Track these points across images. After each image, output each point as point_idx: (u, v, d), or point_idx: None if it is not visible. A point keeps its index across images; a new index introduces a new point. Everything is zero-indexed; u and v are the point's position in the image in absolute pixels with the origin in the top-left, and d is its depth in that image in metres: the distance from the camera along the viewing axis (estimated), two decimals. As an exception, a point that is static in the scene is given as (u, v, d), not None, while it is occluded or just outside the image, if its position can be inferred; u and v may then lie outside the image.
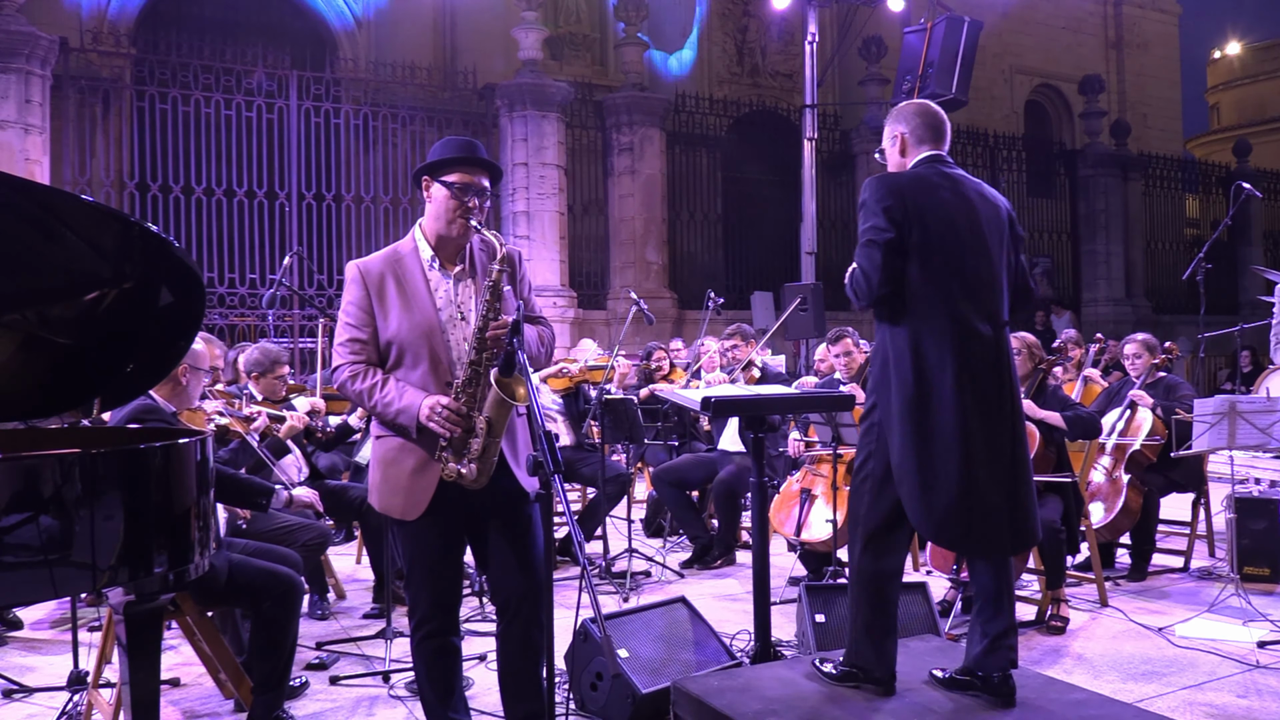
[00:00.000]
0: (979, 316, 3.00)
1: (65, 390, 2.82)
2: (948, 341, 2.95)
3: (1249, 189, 7.09)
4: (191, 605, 3.37)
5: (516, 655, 2.86)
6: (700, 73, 15.93)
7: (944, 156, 3.15)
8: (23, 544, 2.16)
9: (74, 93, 10.24)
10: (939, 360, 2.95)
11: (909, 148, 3.17)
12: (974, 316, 2.99)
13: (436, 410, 2.69)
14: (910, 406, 2.95)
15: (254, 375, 4.93)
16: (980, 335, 2.99)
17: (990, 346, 3.01)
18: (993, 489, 2.96)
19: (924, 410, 2.94)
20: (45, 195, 2.75)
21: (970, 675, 3.07)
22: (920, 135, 3.16)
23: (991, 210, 3.11)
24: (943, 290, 2.98)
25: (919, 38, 9.81)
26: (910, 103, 3.29)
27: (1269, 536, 5.17)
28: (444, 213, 2.83)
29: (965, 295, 2.99)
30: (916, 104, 3.25)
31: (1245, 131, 27.14)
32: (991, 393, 2.99)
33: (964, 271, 3.01)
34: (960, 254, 3.00)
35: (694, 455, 6.32)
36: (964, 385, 2.94)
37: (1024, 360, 4.86)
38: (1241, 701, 3.63)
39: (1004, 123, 18.20)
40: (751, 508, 3.77)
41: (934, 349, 2.96)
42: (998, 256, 3.09)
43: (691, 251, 14.08)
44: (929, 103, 3.28)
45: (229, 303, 10.58)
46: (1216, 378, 14.71)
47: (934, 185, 3.05)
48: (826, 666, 3.17)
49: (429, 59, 13.14)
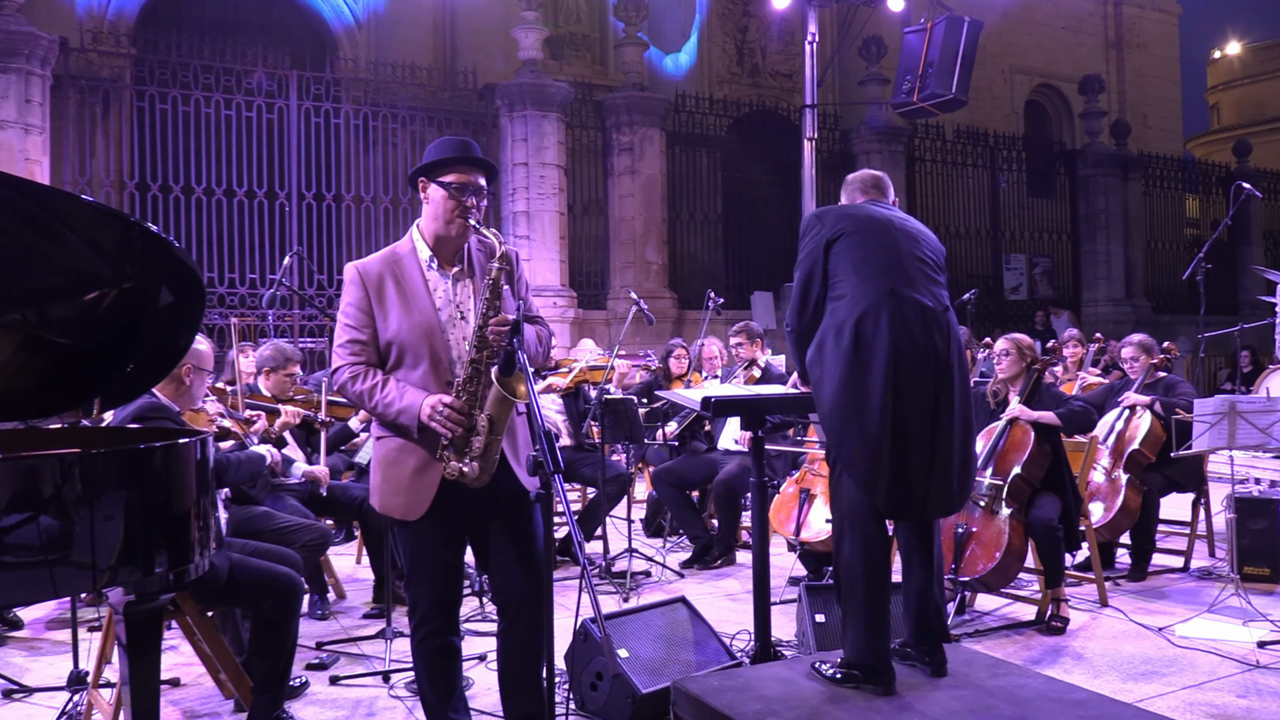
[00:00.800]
0: (915, 293, 3.14)
1: (65, 390, 2.82)
2: (884, 315, 3.07)
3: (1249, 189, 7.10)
4: (191, 605, 3.37)
5: (517, 655, 2.86)
6: (700, 73, 15.94)
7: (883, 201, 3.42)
8: (23, 544, 2.16)
9: (74, 93, 10.24)
10: (871, 334, 3.07)
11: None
12: (910, 292, 3.13)
13: (438, 409, 2.69)
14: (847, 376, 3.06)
15: (265, 371, 4.98)
16: (915, 311, 3.12)
17: (928, 321, 3.13)
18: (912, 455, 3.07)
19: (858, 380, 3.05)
20: (45, 195, 2.74)
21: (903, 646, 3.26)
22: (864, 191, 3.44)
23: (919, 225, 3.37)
24: (877, 268, 3.14)
25: (919, 38, 9.80)
26: (855, 173, 3.57)
27: (1269, 536, 5.17)
28: (442, 213, 2.83)
29: (900, 273, 3.15)
30: (862, 172, 3.54)
31: (1245, 131, 27.16)
32: (925, 365, 3.09)
33: (898, 252, 3.18)
34: (892, 239, 3.20)
35: (694, 455, 6.32)
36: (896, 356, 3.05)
37: (1014, 361, 4.86)
38: (1241, 701, 3.63)
39: (1004, 123, 18.21)
40: (751, 508, 3.77)
41: (868, 323, 3.08)
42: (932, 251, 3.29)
43: (691, 251, 14.08)
44: (872, 171, 3.57)
45: (229, 303, 10.58)
46: (1216, 378, 14.70)
47: (861, 205, 3.35)
48: (826, 669, 3.17)
49: (429, 59, 13.14)
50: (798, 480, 5.33)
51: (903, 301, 3.10)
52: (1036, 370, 4.88)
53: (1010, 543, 4.43)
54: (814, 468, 5.29)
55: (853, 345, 3.05)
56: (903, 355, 3.05)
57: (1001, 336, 5.10)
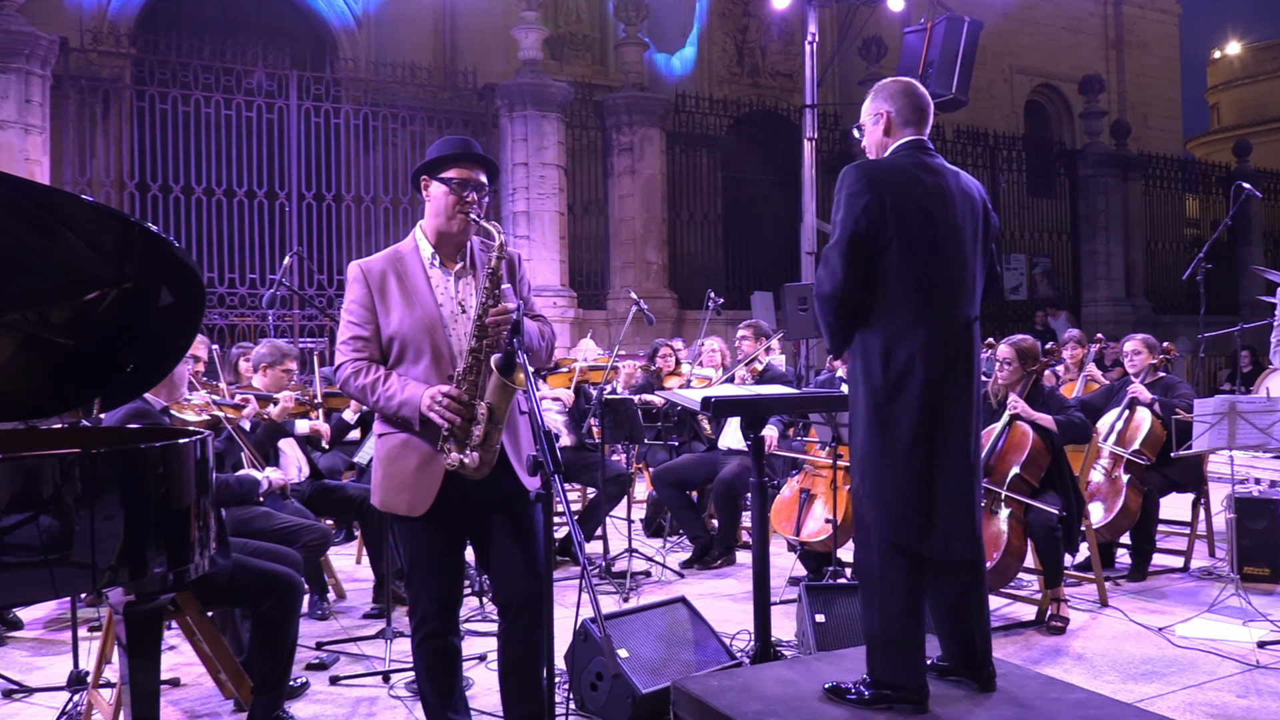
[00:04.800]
0: (949, 315, 2.92)
1: (65, 390, 2.82)
2: (918, 343, 2.86)
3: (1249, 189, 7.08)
4: (192, 605, 3.37)
5: (518, 656, 2.86)
6: (700, 73, 15.93)
7: (926, 143, 3.04)
8: (23, 544, 2.16)
9: (74, 93, 10.24)
10: (908, 362, 2.86)
11: (894, 128, 3.05)
12: (944, 316, 2.91)
13: (437, 399, 2.70)
14: (878, 406, 2.88)
15: (262, 367, 4.99)
16: (948, 335, 2.91)
17: (958, 346, 2.93)
18: (950, 494, 2.89)
19: (890, 410, 2.87)
20: (45, 195, 2.75)
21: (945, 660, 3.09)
22: (906, 116, 3.04)
23: (967, 201, 3.02)
24: (915, 288, 2.88)
25: (919, 38, 9.80)
26: (895, 80, 3.15)
27: (1269, 536, 5.17)
28: (443, 209, 2.85)
29: (937, 294, 2.90)
30: (903, 82, 3.10)
31: (1245, 131, 27.15)
32: (957, 395, 2.91)
33: (938, 270, 2.91)
34: (936, 251, 2.91)
35: (694, 455, 6.32)
36: (930, 389, 2.86)
37: (1015, 370, 4.83)
38: (1241, 701, 3.63)
39: (1004, 123, 18.20)
40: (751, 508, 3.77)
41: (904, 350, 2.87)
42: (972, 253, 3.01)
43: (691, 251, 14.08)
44: (914, 82, 3.13)
45: (229, 303, 10.58)
46: (1216, 378, 14.70)
47: (914, 177, 2.94)
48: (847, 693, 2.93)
49: (429, 59, 13.14)
50: (798, 480, 5.33)
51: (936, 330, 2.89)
52: (1034, 373, 4.88)
53: (1009, 543, 4.44)
54: (814, 468, 5.29)
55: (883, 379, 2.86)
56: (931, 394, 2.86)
57: (1004, 342, 5.06)
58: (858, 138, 3.20)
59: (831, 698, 2.96)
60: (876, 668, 2.91)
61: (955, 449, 2.90)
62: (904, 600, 2.87)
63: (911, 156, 3.00)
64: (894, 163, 2.99)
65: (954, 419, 2.90)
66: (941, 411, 2.88)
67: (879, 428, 2.88)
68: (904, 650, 2.87)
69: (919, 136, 3.04)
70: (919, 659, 2.90)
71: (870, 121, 3.11)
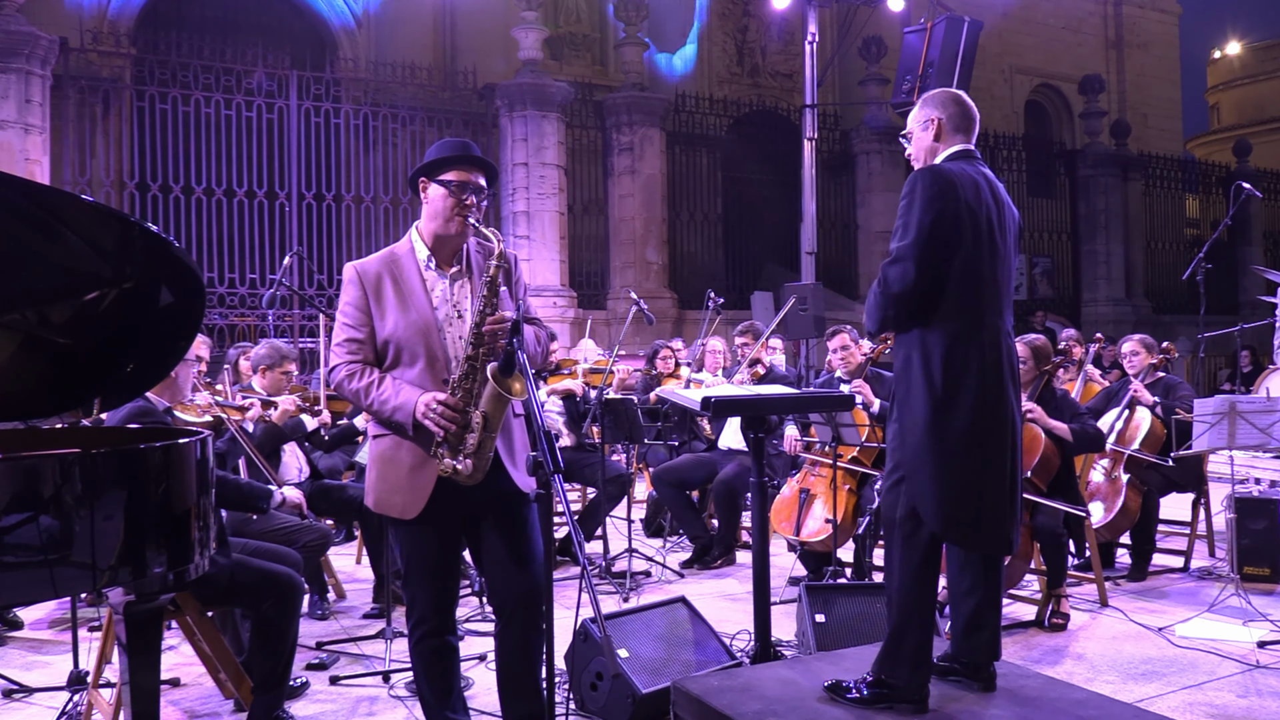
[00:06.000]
0: (998, 320, 2.99)
1: (65, 390, 2.82)
2: (974, 345, 2.92)
3: (1249, 189, 7.09)
4: (192, 605, 3.37)
5: (514, 657, 2.86)
6: (700, 73, 15.93)
7: (974, 152, 3.09)
8: (23, 544, 2.15)
9: (74, 93, 10.24)
10: (964, 363, 2.92)
11: (945, 134, 3.08)
12: (995, 321, 2.98)
13: (431, 407, 2.69)
14: (937, 406, 2.91)
15: (261, 369, 4.99)
16: (998, 340, 2.98)
17: (1006, 351, 3.01)
18: (997, 490, 2.96)
19: (948, 411, 2.91)
20: (45, 195, 2.75)
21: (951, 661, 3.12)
22: (957, 124, 3.08)
23: (1009, 211, 3.10)
24: (978, 291, 2.94)
25: (919, 38, 9.81)
26: (945, 90, 3.21)
27: (1269, 536, 5.17)
28: (441, 211, 2.84)
29: (988, 299, 2.97)
30: (953, 93, 3.16)
31: (1245, 131, 27.14)
32: (1004, 397, 2.98)
33: (990, 275, 2.97)
34: (989, 257, 2.97)
35: (694, 455, 6.32)
36: (989, 392, 2.93)
37: (1030, 369, 4.84)
38: (1241, 701, 3.63)
39: (1004, 123, 18.20)
40: (752, 508, 3.77)
41: (961, 352, 2.92)
42: (1010, 263, 3.08)
43: (691, 251, 14.09)
44: (963, 93, 3.19)
45: (229, 303, 10.59)
46: (1216, 378, 14.70)
47: (975, 184, 2.97)
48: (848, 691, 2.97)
49: (429, 59, 13.14)
50: (798, 480, 5.33)
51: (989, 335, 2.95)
52: (1047, 373, 4.87)
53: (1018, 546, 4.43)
54: (814, 468, 5.29)
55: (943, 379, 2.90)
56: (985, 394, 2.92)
57: (1019, 341, 5.04)
58: (904, 146, 3.24)
59: (832, 696, 2.99)
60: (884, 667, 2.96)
61: (1008, 449, 2.97)
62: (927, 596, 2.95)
63: (968, 163, 3.04)
64: (960, 168, 3.01)
65: (1007, 420, 2.97)
66: (998, 413, 2.95)
67: (936, 427, 2.91)
68: (920, 649, 2.93)
69: (968, 145, 3.08)
70: (927, 658, 2.94)
71: (919, 128, 3.14)
